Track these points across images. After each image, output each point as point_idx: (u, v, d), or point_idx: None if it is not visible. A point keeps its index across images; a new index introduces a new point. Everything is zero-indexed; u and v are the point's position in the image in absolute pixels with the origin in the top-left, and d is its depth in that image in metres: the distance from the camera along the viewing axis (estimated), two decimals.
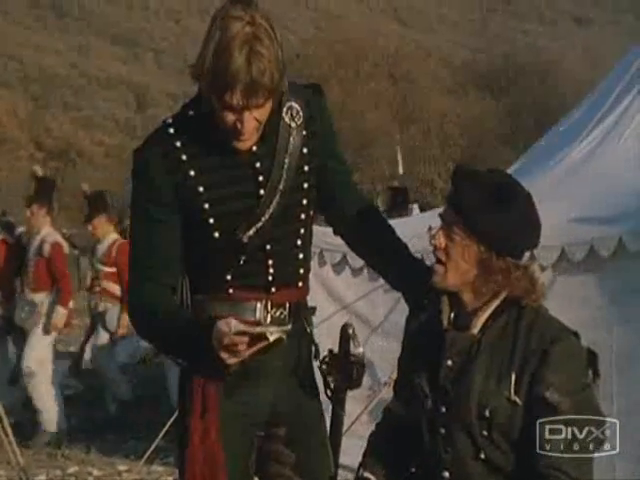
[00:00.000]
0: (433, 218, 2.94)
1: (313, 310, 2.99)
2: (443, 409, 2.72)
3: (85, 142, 49.42)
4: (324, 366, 2.80)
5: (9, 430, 7.10)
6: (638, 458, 5.13)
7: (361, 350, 2.81)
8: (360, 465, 2.93)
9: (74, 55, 59.71)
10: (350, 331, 2.80)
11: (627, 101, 6.83)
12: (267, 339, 2.58)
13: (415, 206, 8.43)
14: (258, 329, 2.60)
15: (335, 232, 3.08)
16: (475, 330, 2.72)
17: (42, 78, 55.11)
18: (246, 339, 2.58)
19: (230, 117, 2.65)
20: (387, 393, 5.99)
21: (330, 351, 2.75)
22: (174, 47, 61.65)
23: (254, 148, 2.76)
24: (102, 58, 59.56)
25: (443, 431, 2.71)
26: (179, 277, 2.83)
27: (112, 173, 40.94)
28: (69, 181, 44.25)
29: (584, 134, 6.79)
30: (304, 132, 2.82)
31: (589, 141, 6.71)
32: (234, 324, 2.56)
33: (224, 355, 2.59)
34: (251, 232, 2.76)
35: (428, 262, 2.88)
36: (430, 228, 2.79)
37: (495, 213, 2.66)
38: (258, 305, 2.79)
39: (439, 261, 2.74)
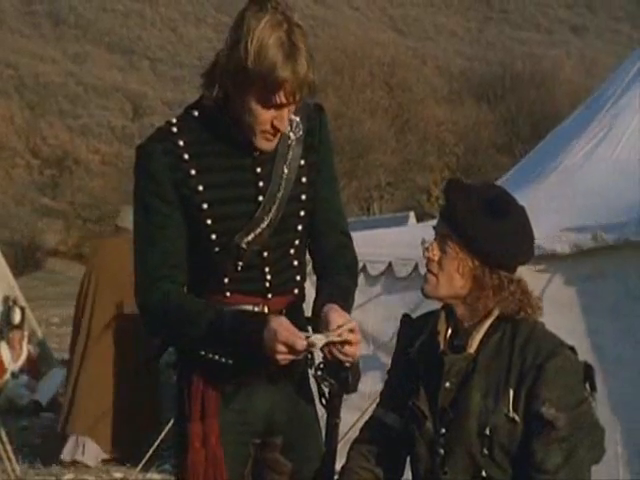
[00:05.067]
0: (428, 228, 2.93)
1: (308, 320, 2.98)
2: (443, 430, 2.70)
3: (81, 150, 49.50)
4: (319, 372, 2.79)
5: (5, 438, 7.10)
6: None
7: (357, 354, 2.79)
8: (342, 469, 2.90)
9: (70, 63, 59.78)
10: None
11: (622, 104, 6.82)
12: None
13: (411, 214, 8.32)
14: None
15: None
16: (472, 350, 2.70)
17: (38, 86, 55.19)
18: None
19: (266, 116, 2.64)
20: None
21: (324, 357, 2.73)
22: (170, 55, 61.76)
23: (256, 154, 2.76)
24: (98, 66, 59.63)
25: (442, 452, 2.69)
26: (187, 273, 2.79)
27: (108, 181, 40.99)
28: (65, 188, 44.34)
29: (578, 141, 6.78)
30: (303, 145, 2.83)
31: (581, 146, 6.71)
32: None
33: (280, 357, 2.60)
34: (250, 238, 2.76)
35: (422, 270, 2.87)
36: (423, 241, 2.78)
37: (489, 227, 2.65)
38: (255, 310, 2.78)
39: (431, 272, 2.73)
